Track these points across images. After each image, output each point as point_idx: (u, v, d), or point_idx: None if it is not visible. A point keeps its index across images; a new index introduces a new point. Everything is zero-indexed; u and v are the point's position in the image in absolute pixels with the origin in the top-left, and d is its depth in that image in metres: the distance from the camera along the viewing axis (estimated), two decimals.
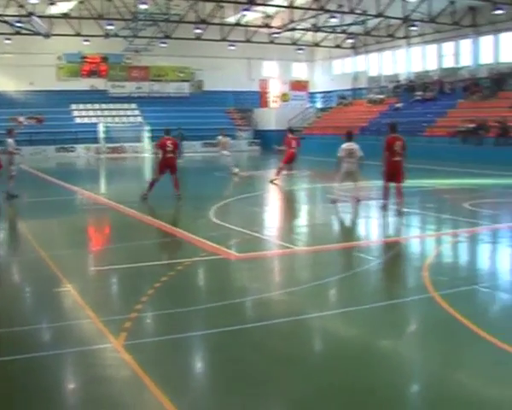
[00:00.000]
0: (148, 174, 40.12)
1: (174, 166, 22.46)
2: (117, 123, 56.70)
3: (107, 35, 52.25)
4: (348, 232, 17.67)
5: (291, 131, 31.21)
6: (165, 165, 22.25)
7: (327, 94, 66.28)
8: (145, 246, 14.74)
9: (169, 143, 22.32)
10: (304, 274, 12.45)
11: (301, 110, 61.28)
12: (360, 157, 20.64)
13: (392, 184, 19.26)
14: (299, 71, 68.61)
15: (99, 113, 57.89)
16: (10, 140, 23.74)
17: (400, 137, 19.33)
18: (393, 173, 19.06)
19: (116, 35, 52.95)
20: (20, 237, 16.98)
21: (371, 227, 18.41)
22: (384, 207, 19.28)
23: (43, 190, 27.81)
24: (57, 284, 11.07)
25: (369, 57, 61.80)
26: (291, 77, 67.06)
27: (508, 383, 7.01)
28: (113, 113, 58.63)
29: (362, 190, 21.54)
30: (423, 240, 15.98)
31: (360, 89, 61.87)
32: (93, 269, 12.80)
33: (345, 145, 20.76)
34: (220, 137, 34.43)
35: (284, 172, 28.94)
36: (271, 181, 27.91)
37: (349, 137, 21.07)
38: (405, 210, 18.84)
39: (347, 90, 62.89)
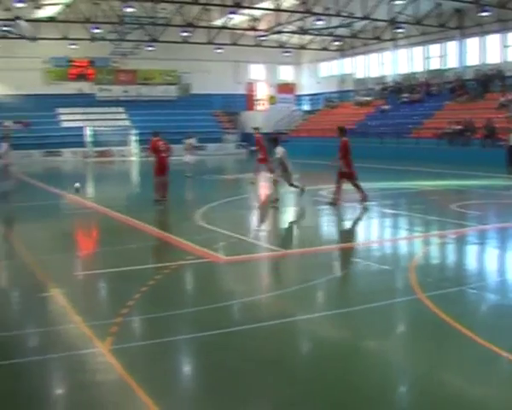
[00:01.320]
0: (135, 178, 40.13)
1: (167, 167, 22.56)
2: (104, 127, 56.42)
3: (93, 38, 52.17)
4: (336, 234, 17.70)
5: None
6: (162, 165, 22.34)
7: (313, 96, 66.37)
8: (131, 250, 14.66)
9: (161, 143, 22.45)
10: (291, 277, 12.43)
11: (288, 113, 61.35)
12: None
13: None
14: (286, 73, 68.65)
15: (86, 116, 57.59)
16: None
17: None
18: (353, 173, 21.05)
19: (103, 38, 52.90)
20: (6, 242, 16.86)
21: (357, 229, 18.40)
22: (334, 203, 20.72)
23: (30, 194, 27.64)
24: (43, 289, 11.02)
25: (356, 59, 61.92)
26: (278, 80, 67.12)
27: (493, 381, 7.02)
28: (101, 116, 58.36)
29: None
30: (410, 241, 15.96)
31: (347, 91, 61.96)
32: (79, 274, 12.72)
33: (281, 149, 21.67)
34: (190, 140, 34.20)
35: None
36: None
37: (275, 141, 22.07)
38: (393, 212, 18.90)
39: (334, 92, 63.03)
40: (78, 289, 11.38)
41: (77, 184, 26.15)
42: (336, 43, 60.11)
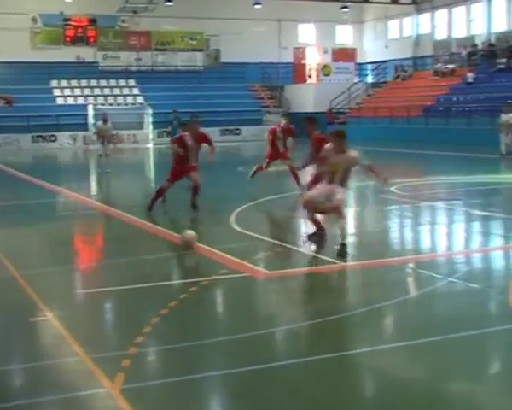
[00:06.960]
0: (151, 171, 40.23)
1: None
2: (111, 105, 56.59)
3: None
4: (410, 242, 17.64)
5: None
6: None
7: (380, 65, 65.98)
8: (148, 262, 14.71)
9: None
10: (351, 298, 12.41)
11: (347, 86, 61.01)
12: None
13: None
14: (345, 36, 68.43)
15: (87, 91, 57.92)
16: None
17: None
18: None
19: None
20: None
21: (438, 236, 18.31)
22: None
23: (15, 191, 27.91)
24: (34, 312, 11.07)
25: (436, 15, 61.45)
26: (334, 44, 66.92)
27: None
28: (106, 91, 58.64)
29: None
30: (508, 253, 15.82)
31: (424, 57, 61.58)
32: (81, 292, 12.79)
33: None
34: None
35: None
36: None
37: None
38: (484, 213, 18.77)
39: (407, 59, 62.63)
40: (80, 313, 11.48)
41: None
42: None
